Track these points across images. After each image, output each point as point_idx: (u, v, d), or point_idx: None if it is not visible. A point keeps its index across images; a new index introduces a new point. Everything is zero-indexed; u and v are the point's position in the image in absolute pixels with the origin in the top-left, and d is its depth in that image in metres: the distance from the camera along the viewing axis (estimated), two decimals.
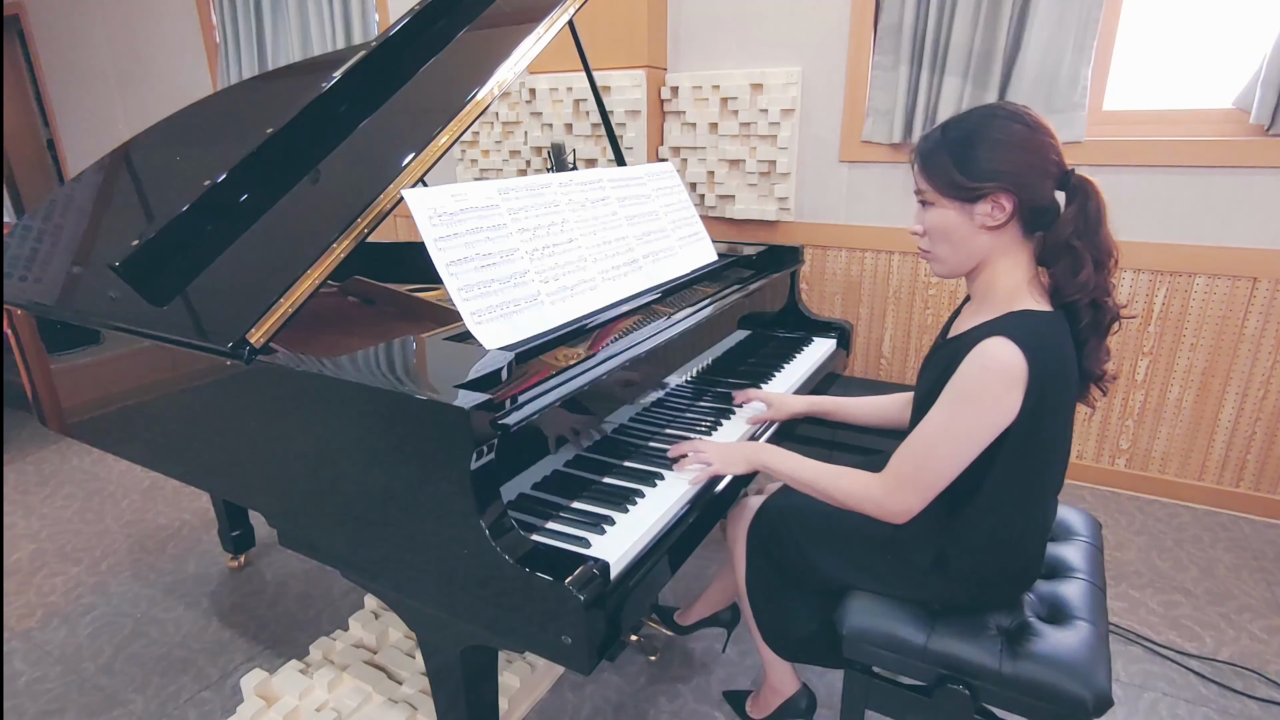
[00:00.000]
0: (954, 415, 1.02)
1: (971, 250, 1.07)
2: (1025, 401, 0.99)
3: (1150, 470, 2.44)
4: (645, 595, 1.03)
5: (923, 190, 1.08)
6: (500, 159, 3.15)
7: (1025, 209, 1.02)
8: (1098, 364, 1.08)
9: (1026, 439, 1.02)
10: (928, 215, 1.08)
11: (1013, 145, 1.01)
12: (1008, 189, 1.01)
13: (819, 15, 2.52)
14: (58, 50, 4.66)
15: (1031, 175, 1.01)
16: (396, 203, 1.21)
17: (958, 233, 1.06)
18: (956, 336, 1.10)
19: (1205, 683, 1.63)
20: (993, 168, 1.00)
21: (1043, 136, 1.02)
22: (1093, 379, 1.10)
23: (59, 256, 1.62)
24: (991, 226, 1.03)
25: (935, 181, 1.05)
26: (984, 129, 1.02)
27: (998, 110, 1.04)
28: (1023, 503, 1.08)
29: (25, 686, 1.70)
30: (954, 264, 1.10)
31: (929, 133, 1.08)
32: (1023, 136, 1.01)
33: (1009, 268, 1.06)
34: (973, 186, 1.01)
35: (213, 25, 3.94)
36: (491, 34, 1.53)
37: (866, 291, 2.70)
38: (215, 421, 1.25)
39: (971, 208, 1.03)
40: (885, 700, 1.17)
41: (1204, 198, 2.16)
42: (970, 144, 1.02)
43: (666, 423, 1.42)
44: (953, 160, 1.03)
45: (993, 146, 1.01)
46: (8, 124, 5.11)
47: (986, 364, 0.99)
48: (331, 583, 2.05)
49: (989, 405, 1.00)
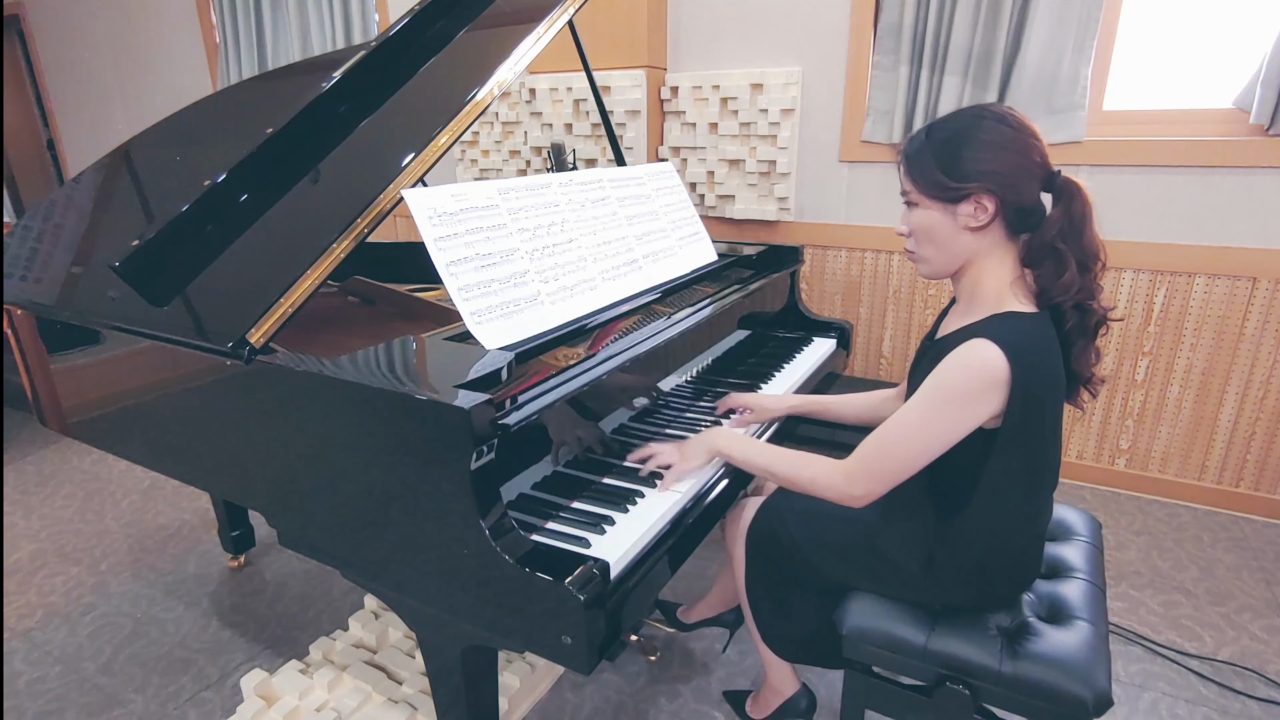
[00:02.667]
0: (930, 411, 1.02)
1: (956, 251, 1.07)
2: (1011, 404, 0.99)
3: (1150, 470, 2.44)
4: (645, 595, 1.03)
5: (907, 191, 1.09)
6: (500, 159, 3.15)
7: (1009, 210, 1.03)
8: (1086, 366, 1.08)
9: (1015, 442, 1.02)
10: (912, 216, 1.09)
11: (996, 146, 1.01)
12: (990, 190, 1.01)
13: (819, 15, 2.52)
14: (58, 50, 4.66)
15: (1015, 176, 1.01)
16: (396, 203, 1.21)
17: (941, 233, 1.06)
18: (943, 338, 1.10)
19: (1205, 683, 1.63)
20: (976, 168, 1.01)
21: (1027, 138, 1.02)
22: (1081, 381, 1.10)
23: (59, 256, 1.62)
24: (974, 227, 1.04)
25: (919, 182, 1.06)
26: (968, 130, 1.03)
27: (982, 112, 1.04)
28: (1013, 506, 1.08)
29: (25, 686, 1.70)
30: (939, 265, 1.10)
31: (914, 134, 1.09)
32: (1007, 138, 1.01)
33: (994, 269, 1.07)
34: (955, 187, 1.02)
35: (213, 25, 3.94)
36: (491, 34, 1.53)
37: (866, 291, 2.70)
38: (215, 421, 1.25)
39: (955, 208, 1.04)
40: (885, 700, 1.17)
41: (1204, 198, 2.16)
42: (955, 145, 1.03)
43: (667, 423, 1.42)
44: (936, 161, 1.04)
45: (977, 147, 1.01)
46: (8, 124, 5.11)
47: (969, 364, 0.99)
48: (331, 583, 2.05)
49: (966, 405, 1.00)
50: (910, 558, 1.13)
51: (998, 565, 1.11)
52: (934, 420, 1.02)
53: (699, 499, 1.19)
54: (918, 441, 1.03)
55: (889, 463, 1.05)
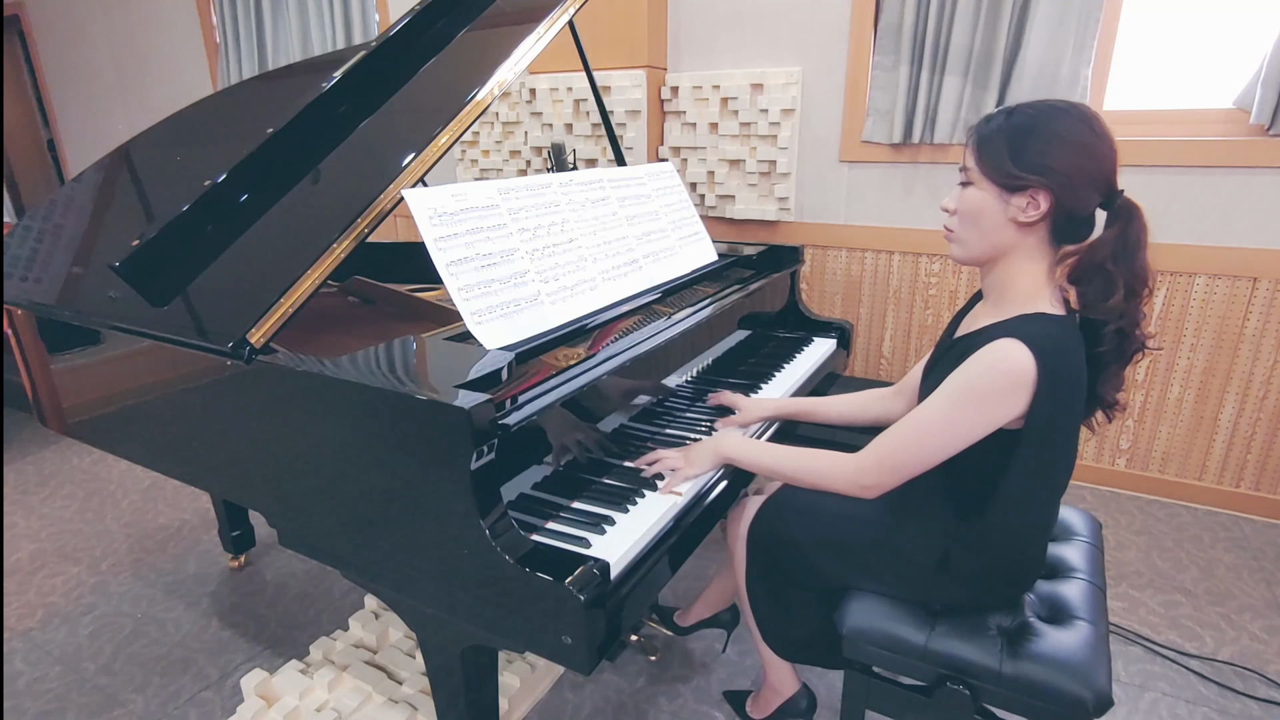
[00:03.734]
0: (953, 408, 1.02)
1: (995, 241, 1.05)
2: (1035, 405, 0.98)
3: (1150, 470, 2.44)
4: (645, 595, 1.03)
5: (968, 169, 1.06)
6: (500, 159, 3.15)
7: (1060, 214, 1.00)
8: (1111, 391, 1.07)
9: (1040, 444, 1.02)
10: (964, 195, 1.07)
11: (1071, 145, 0.98)
12: (1049, 187, 0.98)
13: (819, 15, 2.52)
14: (58, 50, 4.66)
15: (1078, 181, 0.98)
16: (397, 203, 1.21)
17: (987, 219, 1.04)
18: (967, 335, 1.10)
19: (1205, 683, 1.63)
20: (1043, 162, 0.98)
21: (1104, 147, 0.99)
22: (1102, 404, 1.09)
23: (59, 256, 1.62)
24: (1022, 222, 1.02)
25: (983, 162, 1.03)
26: (1049, 121, 1.00)
27: (1070, 108, 1.01)
28: (1032, 506, 1.08)
29: (25, 686, 1.70)
30: (975, 250, 1.08)
31: (993, 113, 1.05)
32: (1084, 140, 0.99)
33: (1029, 269, 1.05)
34: (1017, 175, 1.00)
35: (213, 25, 3.94)
36: (491, 34, 1.53)
37: (866, 291, 2.70)
38: (215, 421, 1.25)
39: (1009, 197, 1.02)
40: (885, 700, 1.17)
41: (1204, 198, 2.16)
42: (1030, 133, 1.00)
43: (667, 423, 1.42)
44: (1008, 145, 1.01)
45: (1050, 140, 0.99)
46: (8, 124, 5.12)
47: (996, 364, 0.98)
48: (332, 583, 2.05)
49: (990, 405, 0.99)
50: (926, 556, 1.13)
51: (1009, 565, 1.11)
52: (956, 418, 1.01)
53: (699, 499, 1.19)
54: (937, 439, 1.03)
55: (905, 456, 1.05)
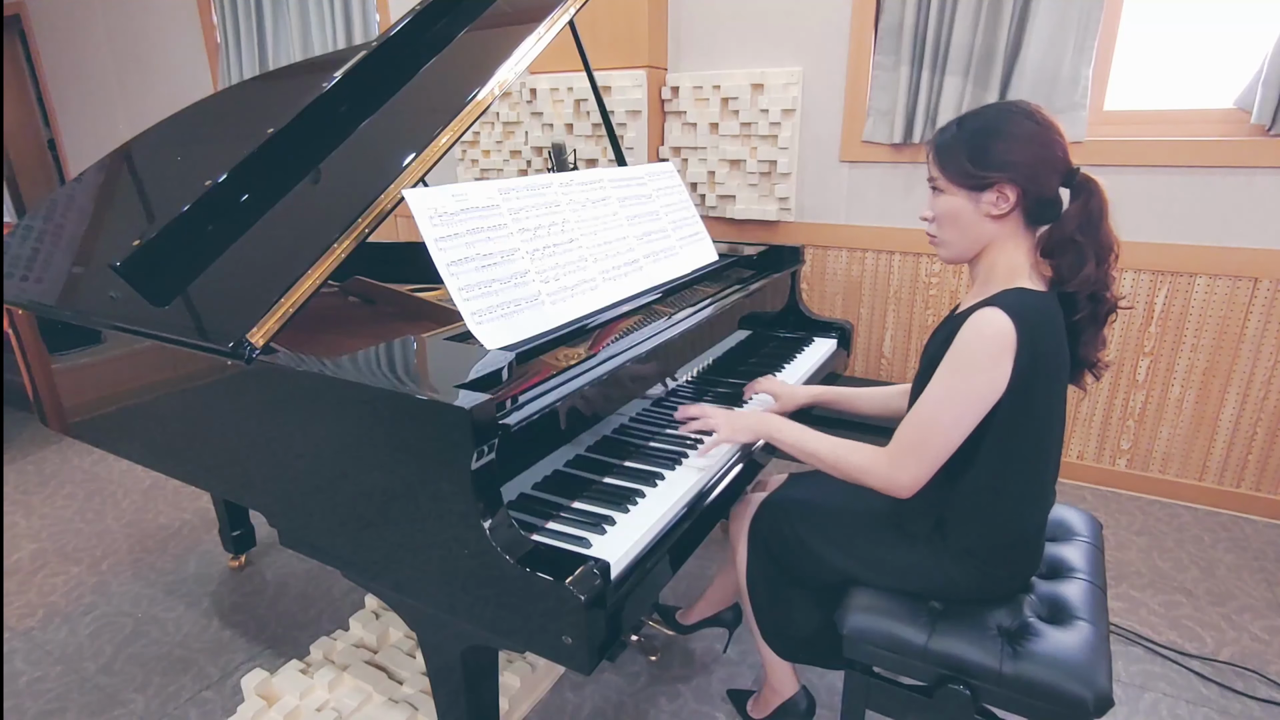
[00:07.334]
0: (952, 383, 1.06)
1: (976, 236, 1.13)
2: (1016, 369, 1.03)
3: (1151, 470, 2.44)
4: (646, 595, 1.03)
5: (935, 178, 1.14)
6: (501, 159, 3.15)
7: (1029, 200, 1.08)
8: (1093, 352, 1.15)
9: (1017, 408, 1.06)
10: (938, 202, 1.14)
11: (1023, 140, 1.06)
12: (1013, 180, 1.06)
13: (819, 15, 2.52)
14: (58, 50, 4.66)
15: (1038, 169, 1.06)
16: (397, 203, 1.21)
17: (964, 219, 1.12)
18: (955, 314, 1.17)
19: (1206, 683, 1.63)
20: (1003, 159, 1.06)
21: (1052, 134, 1.07)
22: (1087, 365, 1.16)
23: (60, 256, 1.62)
24: (996, 215, 1.09)
25: (947, 170, 1.12)
26: (998, 123, 1.08)
27: (1013, 107, 1.10)
28: (1018, 475, 1.11)
29: (26, 686, 1.70)
30: (959, 249, 1.15)
31: (946, 125, 1.14)
32: (1033, 133, 1.07)
33: (1009, 252, 1.12)
34: (981, 175, 1.08)
35: (213, 25, 3.94)
36: (492, 34, 1.53)
37: (867, 291, 2.70)
38: (216, 421, 1.25)
39: (979, 196, 1.09)
40: (885, 700, 1.17)
41: (1204, 198, 2.16)
42: (984, 136, 1.08)
43: (667, 423, 1.42)
44: (966, 151, 1.09)
45: (1005, 140, 1.07)
46: (8, 124, 5.12)
47: (981, 330, 1.04)
48: (332, 583, 2.05)
49: (983, 372, 1.04)
50: (919, 524, 1.17)
51: (1001, 543, 1.13)
52: (959, 389, 1.05)
53: (701, 497, 1.20)
54: (948, 413, 1.06)
55: (925, 441, 1.08)
